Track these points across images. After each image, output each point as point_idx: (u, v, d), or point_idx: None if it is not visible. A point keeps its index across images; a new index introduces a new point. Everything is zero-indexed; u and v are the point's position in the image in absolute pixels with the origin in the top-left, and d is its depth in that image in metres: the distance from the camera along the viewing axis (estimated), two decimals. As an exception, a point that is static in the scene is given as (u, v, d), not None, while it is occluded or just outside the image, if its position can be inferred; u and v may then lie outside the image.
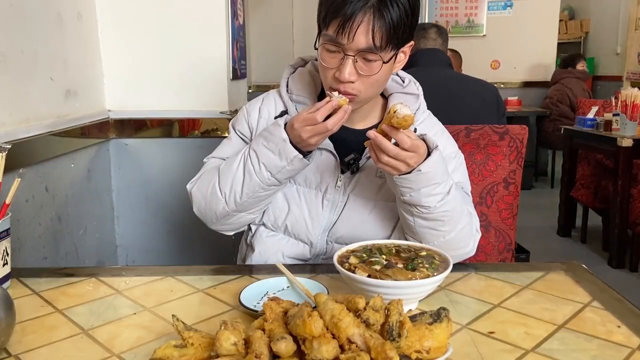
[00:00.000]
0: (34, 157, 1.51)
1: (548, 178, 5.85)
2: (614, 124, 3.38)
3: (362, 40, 1.03)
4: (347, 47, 1.04)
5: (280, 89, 1.28)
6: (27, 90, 1.51)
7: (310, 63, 1.29)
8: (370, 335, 0.68)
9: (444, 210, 1.06)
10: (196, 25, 2.00)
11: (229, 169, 1.16)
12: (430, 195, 1.04)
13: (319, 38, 1.10)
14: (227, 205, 1.17)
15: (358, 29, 1.02)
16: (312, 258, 1.27)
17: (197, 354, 0.70)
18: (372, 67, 1.07)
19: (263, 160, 1.11)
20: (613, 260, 3.40)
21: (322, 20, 1.07)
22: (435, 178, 1.03)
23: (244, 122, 1.28)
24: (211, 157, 1.28)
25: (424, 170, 1.01)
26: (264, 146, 1.11)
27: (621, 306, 0.94)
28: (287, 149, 1.08)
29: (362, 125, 1.24)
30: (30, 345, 0.82)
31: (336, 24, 1.03)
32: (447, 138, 1.27)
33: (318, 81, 1.25)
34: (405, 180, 1.02)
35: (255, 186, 1.13)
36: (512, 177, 1.72)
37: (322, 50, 1.09)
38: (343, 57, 1.06)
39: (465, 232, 1.13)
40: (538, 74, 6.07)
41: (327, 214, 1.23)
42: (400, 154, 0.98)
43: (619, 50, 6.31)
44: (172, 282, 1.06)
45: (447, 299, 0.97)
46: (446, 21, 6.07)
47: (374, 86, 1.12)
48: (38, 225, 1.54)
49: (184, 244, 2.13)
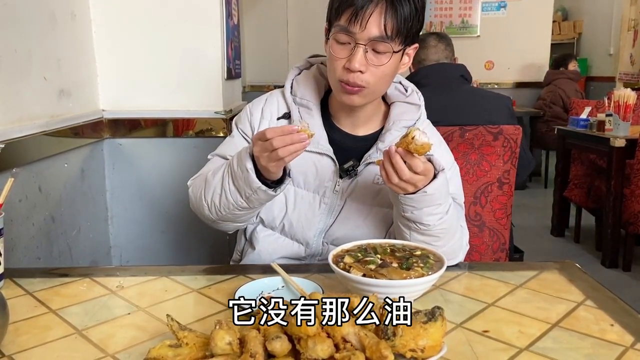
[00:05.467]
0: (27, 157, 1.50)
1: (542, 178, 5.88)
2: (607, 124, 3.40)
3: (374, 29, 1.05)
4: (359, 36, 1.06)
5: (284, 90, 1.27)
6: (20, 89, 1.50)
7: (316, 66, 1.29)
8: (365, 334, 0.68)
9: (441, 228, 1.09)
10: (190, 25, 1.99)
11: (212, 179, 1.16)
12: (431, 215, 1.06)
13: (329, 30, 1.12)
14: (210, 214, 1.18)
15: (370, 17, 1.04)
16: (308, 258, 1.27)
17: (191, 354, 0.70)
18: (382, 58, 1.09)
19: (235, 182, 1.10)
20: (606, 260, 3.41)
21: (335, 10, 1.09)
22: (439, 199, 1.05)
23: (247, 122, 1.27)
24: (214, 155, 1.28)
25: (429, 192, 1.02)
26: (235, 170, 1.09)
27: (614, 305, 0.94)
28: (250, 179, 1.05)
29: (363, 132, 1.25)
30: (24, 346, 0.81)
31: (349, 13, 1.05)
32: (445, 149, 1.30)
33: (322, 85, 1.26)
34: (410, 199, 1.04)
35: (230, 205, 1.13)
36: (506, 177, 1.73)
37: (332, 42, 1.10)
38: (354, 47, 1.07)
39: (457, 246, 1.17)
40: (531, 74, 6.10)
41: (324, 216, 1.24)
42: (413, 178, 0.99)
43: (612, 51, 6.35)
44: (167, 282, 1.06)
45: (441, 298, 0.98)
46: (440, 22, 6.09)
47: (381, 80, 1.12)
48: (31, 225, 1.53)
49: (178, 244, 2.12)
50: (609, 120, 3.37)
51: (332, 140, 1.21)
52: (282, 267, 1.04)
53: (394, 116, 1.23)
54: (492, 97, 2.06)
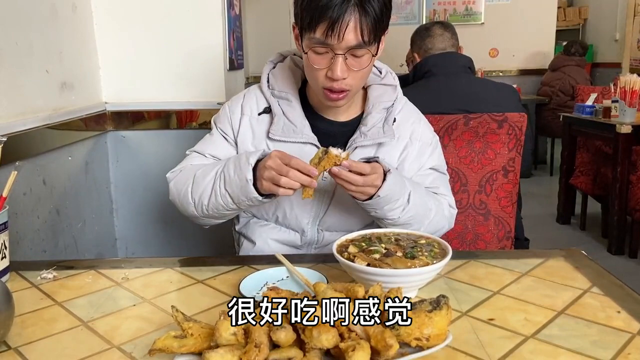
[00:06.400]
0: (31, 150, 1.51)
1: (547, 166, 5.85)
2: (613, 110, 3.37)
3: (352, 38, 1.05)
4: (337, 46, 1.06)
5: (261, 85, 1.28)
6: (23, 82, 1.50)
7: (289, 58, 1.30)
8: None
9: (408, 216, 1.16)
10: (192, 15, 1.99)
11: (202, 179, 1.17)
12: (391, 210, 1.13)
13: (303, 40, 1.11)
14: (195, 211, 1.20)
15: (347, 28, 1.04)
16: (304, 246, 1.30)
17: (196, 344, 0.70)
18: (362, 62, 1.10)
19: (227, 188, 1.12)
20: (612, 247, 3.40)
21: (308, 24, 1.07)
22: (395, 196, 1.11)
23: (226, 122, 1.28)
24: (193, 151, 1.29)
25: (383, 195, 1.09)
26: (232, 176, 1.11)
27: (621, 291, 0.94)
28: (247, 189, 1.08)
29: (345, 117, 1.27)
30: (30, 338, 0.82)
31: (324, 27, 1.04)
32: (425, 124, 1.32)
33: (299, 75, 1.27)
34: (368, 205, 1.11)
35: (219, 206, 1.16)
36: (511, 165, 1.72)
37: (310, 53, 1.10)
38: (333, 57, 1.08)
39: (436, 221, 1.22)
40: (536, 61, 6.05)
41: (315, 204, 1.25)
42: (367, 180, 1.05)
43: (617, 36, 6.28)
44: (172, 273, 1.06)
45: (446, 287, 0.97)
46: (444, 9, 6.03)
47: (363, 78, 1.16)
48: (36, 218, 1.54)
49: (183, 236, 2.13)
50: (615, 106, 3.34)
51: (316, 129, 1.23)
52: (287, 258, 1.04)
53: (372, 99, 1.25)
54: (500, 87, 2.04)
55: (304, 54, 1.12)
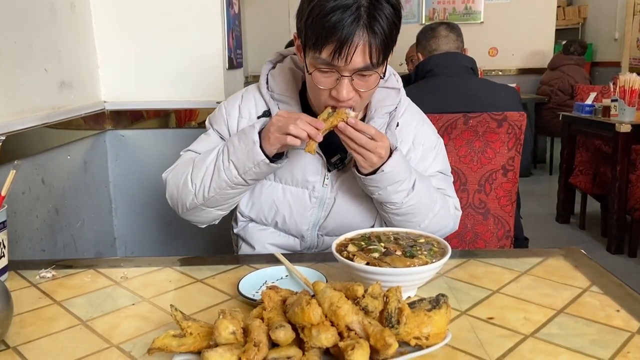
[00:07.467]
0: (30, 149, 1.50)
1: (546, 165, 5.85)
2: (612, 109, 3.37)
3: (359, 61, 1.01)
4: (344, 68, 1.02)
5: (260, 87, 1.25)
6: (21, 81, 1.49)
7: (289, 58, 1.26)
8: (369, 323, 0.68)
9: (411, 204, 1.14)
10: (191, 14, 1.98)
11: (203, 161, 1.16)
12: (395, 193, 1.11)
13: (306, 57, 1.07)
14: (195, 198, 1.17)
15: (355, 51, 1.00)
16: (303, 251, 1.29)
17: (195, 344, 0.70)
18: (369, 83, 1.07)
19: (232, 158, 1.11)
20: (612, 246, 3.40)
21: (313, 44, 1.02)
22: (399, 176, 1.10)
23: (222, 123, 1.26)
24: (187, 150, 1.28)
25: (387, 170, 1.07)
26: (236, 145, 1.11)
27: (620, 290, 0.94)
28: (255, 151, 1.07)
29: None
30: (29, 337, 0.81)
31: (331, 48, 1.00)
32: (429, 127, 1.30)
33: (299, 77, 1.23)
34: (371, 180, 1.10)
35: (222, 183, 1.13)
36: (510, 164, 1.72)
37: (315, 73, 1.06)
38: (339, 78, 1.04)
39: (441, 216, 1.20)
40: (536, 60, 6.05)
41: (315, 210, 1.24)
42: (371, 143, 1.04)
43: (617, 36, 6.28)
44: (171, 272, 1.06)
45: (446, 286, 0.97)
46: (443, 9, 6.03)
47: (369, 96, 1.14)
48: (35, 217, 1.54)
49: (182, 235, 2.12)
50: (615, 105, 3.34)
51: None
52: (286, 257, 1.04)
53: (374, 103, 1.21)
54: (501, 88, 2.05)
55: (308, 74, 1.08)
